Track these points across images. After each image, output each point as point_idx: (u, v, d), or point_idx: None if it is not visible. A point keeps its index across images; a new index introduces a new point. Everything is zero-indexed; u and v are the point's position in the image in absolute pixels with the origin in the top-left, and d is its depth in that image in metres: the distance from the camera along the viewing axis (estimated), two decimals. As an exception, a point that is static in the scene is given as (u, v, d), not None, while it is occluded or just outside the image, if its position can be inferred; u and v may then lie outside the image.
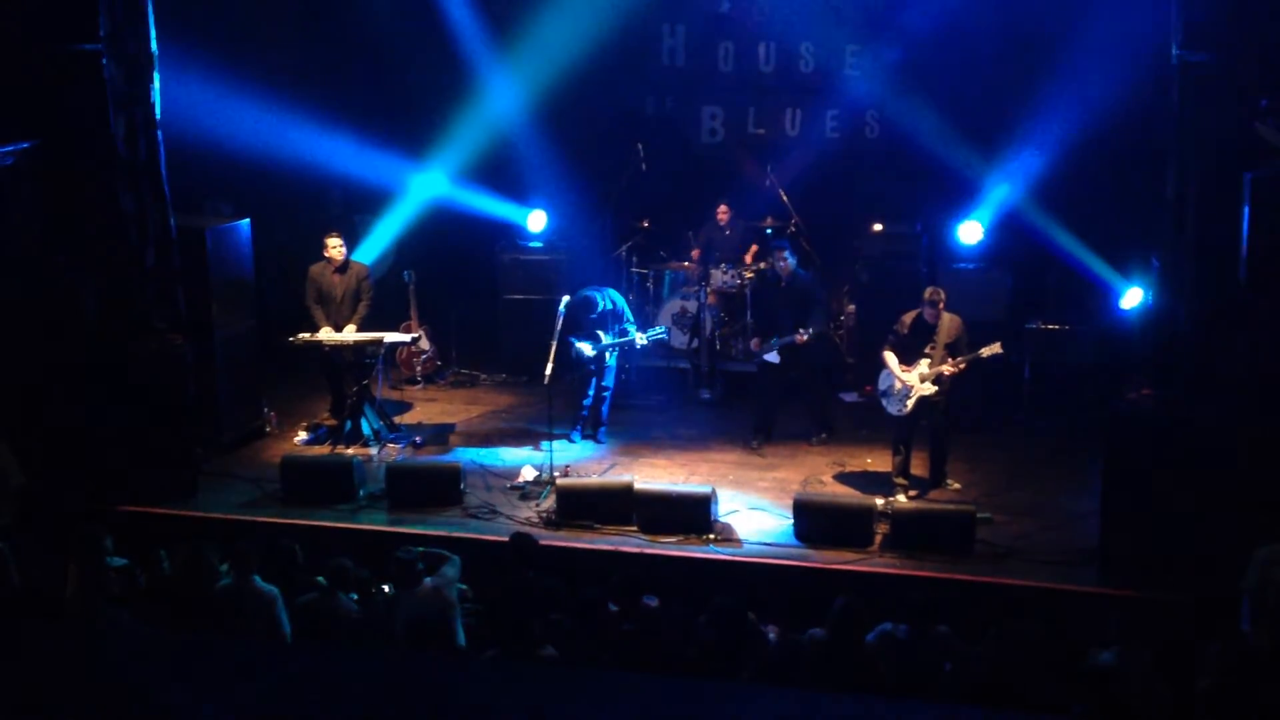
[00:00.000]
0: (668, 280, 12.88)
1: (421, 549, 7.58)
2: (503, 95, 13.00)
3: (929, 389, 9.44)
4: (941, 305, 9.44)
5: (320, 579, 7.56)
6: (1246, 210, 7.82)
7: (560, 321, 10.24)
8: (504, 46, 12.99)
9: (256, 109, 11.67)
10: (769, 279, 11.10)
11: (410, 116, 13.14)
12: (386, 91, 13.20)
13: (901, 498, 9.48)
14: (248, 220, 11.01)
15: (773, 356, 10.60)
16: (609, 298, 10.66)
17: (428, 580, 7.29)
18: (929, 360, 9.46)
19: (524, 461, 10.20)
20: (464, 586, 7.75)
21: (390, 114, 12.99)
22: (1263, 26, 7.80)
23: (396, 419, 11.30)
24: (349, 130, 12.36)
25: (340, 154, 12.37)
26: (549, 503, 9.42)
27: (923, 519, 8.91)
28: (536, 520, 9.20)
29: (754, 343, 10.87)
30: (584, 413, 10.87)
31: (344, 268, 10.98)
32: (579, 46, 12.55)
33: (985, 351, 9.34)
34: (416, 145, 12.94)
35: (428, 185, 12.97)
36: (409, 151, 12.89)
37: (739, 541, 8.91)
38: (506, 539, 8.14)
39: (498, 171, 13.08)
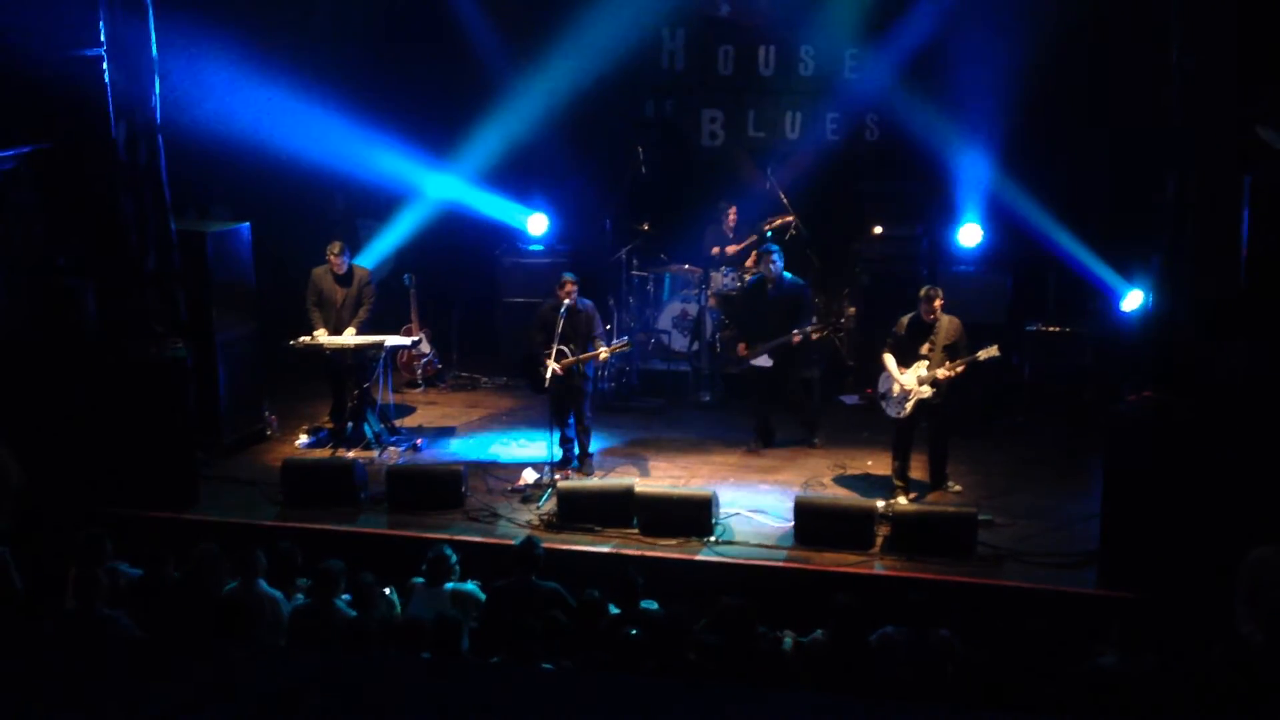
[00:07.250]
0: (668, 283, 12.88)
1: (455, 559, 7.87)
2: (512, 99, 12.96)
3: (926, 392, 9.44)
4: (939, 304, 9.44)
5: (304, 580, 7.61)
6: (1246, 213, 7.83)
7: (560, 324, 10.18)
8: (510, 51, 13.00)
9: (258, 109, 11.66)
10: (753, 284, 11.01)
11: (423, 118, 12.98)
12: (396, 91, 13.08)
13: (902, 500, 9.48)
14: (248, 224, 11.02)
15: (764, 361, 10.57)
16: (583, 305, 10.21)
17: (449, 585, 7.56)
18: (927, 363, 9.46)
19: (525, 463, 10.20)
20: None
21: (403, 115, 12.85)
22: (1262, 28, 7.81)
23: (397, 422, 11.31)
24: (358, 131, 12.32)
25: (346, 155, 12.33)
26: (550, 506, 9.43)
27: (924, 521, 8.90)
28: (537, 523, 9.20)
29: (740, 347, 10.76)
30: (563, 444, 10.23)
31: (347, 275, 10.98)
32: (582, 51, 12.55)
33: (982, 355, 9.34)
34: (433, 148, 12.80)
35: (441, 188, 12.84)
36: (426, 154, 12.73)
37: (740, 544, 8.91)
38: (508, 542, 8.14)
39: (499, 174, 13.06)
